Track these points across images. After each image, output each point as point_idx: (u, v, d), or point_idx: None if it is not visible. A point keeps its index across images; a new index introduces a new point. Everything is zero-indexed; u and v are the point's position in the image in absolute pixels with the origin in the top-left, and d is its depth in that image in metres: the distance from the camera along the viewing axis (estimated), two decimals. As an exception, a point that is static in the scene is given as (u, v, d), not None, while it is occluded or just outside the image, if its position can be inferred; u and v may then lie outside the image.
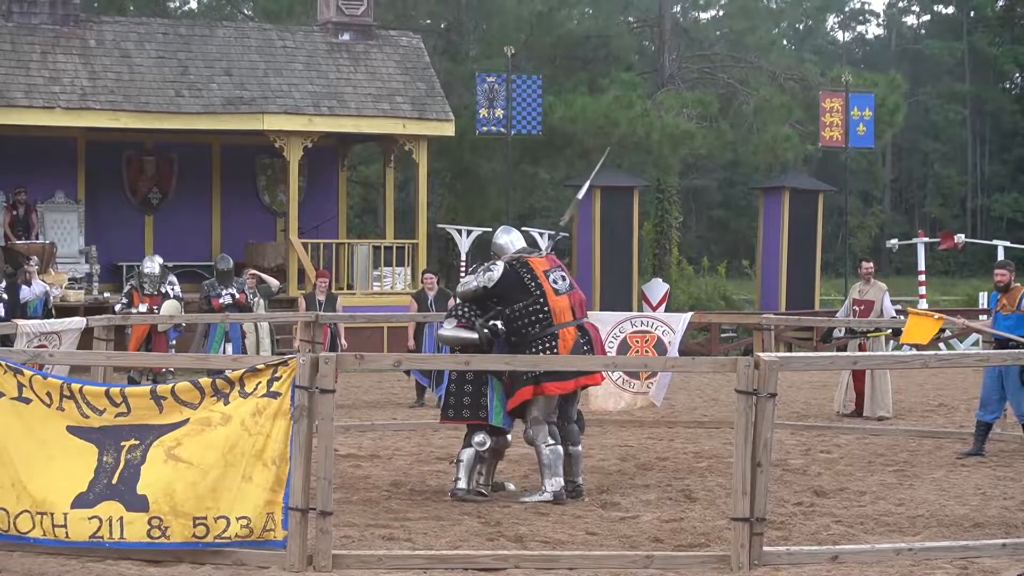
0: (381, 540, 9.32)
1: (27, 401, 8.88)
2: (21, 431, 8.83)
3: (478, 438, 10.98)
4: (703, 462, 13.15)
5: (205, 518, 8.52)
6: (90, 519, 8.60)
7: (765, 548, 8.63)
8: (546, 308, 10.98)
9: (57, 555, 8.62)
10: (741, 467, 8.52)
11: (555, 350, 10.90)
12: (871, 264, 17.45)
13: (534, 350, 10.90)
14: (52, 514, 8.65)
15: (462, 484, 10.96)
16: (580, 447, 11.32)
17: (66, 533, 8.63)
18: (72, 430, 8.80)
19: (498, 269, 11.13)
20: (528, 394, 10.87)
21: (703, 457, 13.48)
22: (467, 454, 10.99)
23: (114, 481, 8.63)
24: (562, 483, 10.95)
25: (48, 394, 8.87)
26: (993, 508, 10.75)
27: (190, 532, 8.52)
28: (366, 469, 12.56)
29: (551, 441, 10.95)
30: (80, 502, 8.65)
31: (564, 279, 11.21)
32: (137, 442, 8.68)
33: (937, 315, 14.05)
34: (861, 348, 16.55)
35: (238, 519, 8.49)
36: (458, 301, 11.44)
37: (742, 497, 8.50)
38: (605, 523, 10.06)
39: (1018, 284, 13.66)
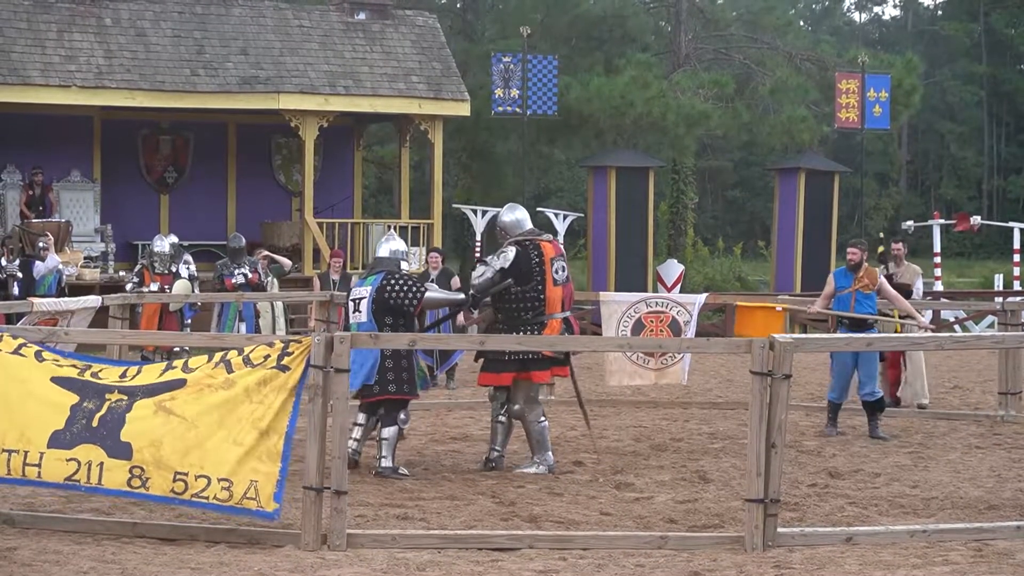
0: (395, 520, 9.35)
1: (20, 355, 8.88)
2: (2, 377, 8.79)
3: (402, 416, 11.15)
4: (717, 443, 13.16)
5: (186, 474, 8.44)
6: (67, 461, 8.52)
7: (779, 529, 8.64)
8: (542, 296, 11.14)
9: (72, 532, 8.66)
10: (755, 448, 8.53)
11: None
12: (900, 245, 16.05)
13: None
14: (27, 452, 8.58)
15: (387, 463, 11.06)
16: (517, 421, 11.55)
17: (38, 473, 8.56)
18: (56, 380, 8.75)
19: (512, 251, 11.19)
20: (508, 380, 11.12)
21: (717, 438, 13.48)
22: (390, 432, 11.10)
23: (94, 424, 8.54)
24: (553, 457, 11.29)
25: (38, 354, 8.89)
26: (1008, 490, 10.75)
27: (169, 486, 8.46)
28: (380, 448, 12.57)
29: (543, 419, 11.26)
30: (56, 441, 8.56)
31: (564, 270, 11.37)
32: (125, 397, 8.62)
33: (781, 307, 14.16)
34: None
35: (219, 481, 8.41)
36: (473, 294, 11.40)
37: (756, 478, 8.51)
38: (619, 503, 10.08)
39: (866, 264, 13.66)
